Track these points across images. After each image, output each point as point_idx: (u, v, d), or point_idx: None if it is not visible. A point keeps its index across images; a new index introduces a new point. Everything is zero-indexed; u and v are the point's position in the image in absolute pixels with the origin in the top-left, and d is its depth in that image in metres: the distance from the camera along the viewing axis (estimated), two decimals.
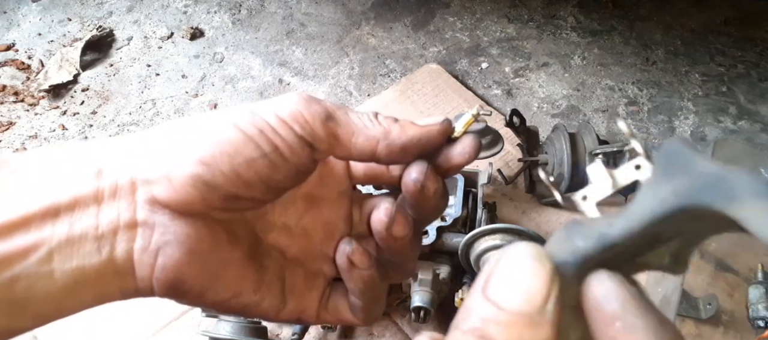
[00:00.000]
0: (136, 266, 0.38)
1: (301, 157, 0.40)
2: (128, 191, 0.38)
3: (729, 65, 1.81)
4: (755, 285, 1.14)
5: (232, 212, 0.41)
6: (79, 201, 0.37)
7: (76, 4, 2.19)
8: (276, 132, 0.39)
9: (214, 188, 0.38)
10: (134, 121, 1.80)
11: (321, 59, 1.92)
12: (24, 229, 0.35)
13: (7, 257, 0.34)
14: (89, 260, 0.36)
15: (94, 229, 0.37)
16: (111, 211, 0.37)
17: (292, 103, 0.41)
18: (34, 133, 1.78)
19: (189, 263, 0.39)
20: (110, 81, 1.93)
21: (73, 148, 0.40)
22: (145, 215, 0.38)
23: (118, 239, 0.38)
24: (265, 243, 0.46)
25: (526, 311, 0.28)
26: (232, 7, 2.12)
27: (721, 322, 1.14)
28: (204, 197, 0.38)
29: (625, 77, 1.80)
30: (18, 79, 1.95)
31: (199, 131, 0.39)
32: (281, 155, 0.39)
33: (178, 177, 0.38)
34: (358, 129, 0.42)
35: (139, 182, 0.38)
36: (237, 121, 0.40)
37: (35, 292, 0.35)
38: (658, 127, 1.66)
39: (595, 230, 0.31)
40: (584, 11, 1.99)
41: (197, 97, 1.85)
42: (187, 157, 0.38)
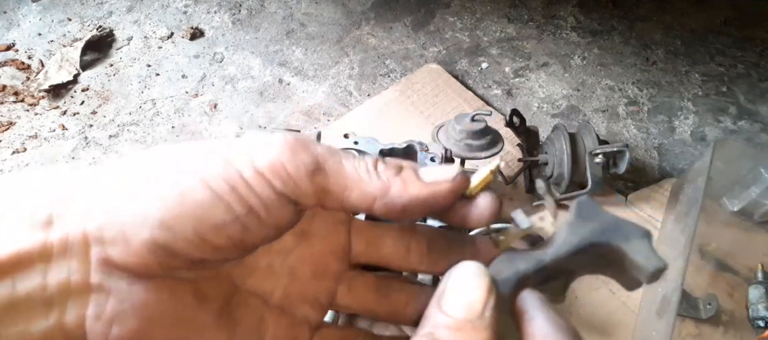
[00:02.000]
0: (88, 335, 0.34)
1: (281, 215, 0.36)
2: (80, 248, 0.33)
3: (729, 65, 1.80)
4: (755, 285, 1.14)
5: (199, 271, 0.37)
6: (22, 258, 0.32)
7: (76, 4, 2.19)
8: (251, 189, 0.34)
9: (176, 254, 0.33)
10: (134, 121, 1.80)
11: (321, 59, 1.92)
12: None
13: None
14: (35, 326, 0.32)
15: (41, 290, 0.32)
16: (60, 271, 0.32)
17: (273, 152, 0.35)
18: (34, 133, 1.78)
19: (149, 332, 0.35)
20: (110, 81, 1.93)
21: (20, 186, 0.35)
22: (99, 279, 0.33)
23: (68, 304, 0.33)
24: (242, 291, 0.40)
25: (468, 318, 0.34)
26: (232, 7, 2.12)
27: (721, 322, 1.14)
28: (165, 263, 0.34)
29: (625, 77, 1.80)
30: (18, 79, 1.95)
31: (164, 183, 0.34)
32: (257, 217, 0.35)
33: (135, 239, 0.33)
34: (352, 182, 0.37)
35: (93, 239, 0.33)
36: (207, 175, 0.34)
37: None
38: (658, 127, 1.66)
39: (533, 255, 0.42)
40: (584, 11, 1.99)
41: (197, 97, 1.85)
42: (147, 216, 0.33)
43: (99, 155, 1.72)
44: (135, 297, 0.34)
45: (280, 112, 1.79)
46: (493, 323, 0.34)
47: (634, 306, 1.19)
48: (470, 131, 1.16)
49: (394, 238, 0.43)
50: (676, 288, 1.05)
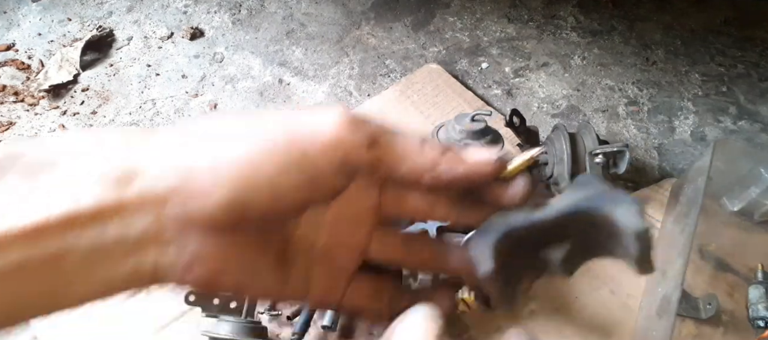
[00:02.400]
0: (166, 277, 0.39)
1: (339, 182, 0.40)
2: (155, 206, 0.36)
3: (729, 65, 1.81)
4: (755, 285, 1.14)
5: (263, 226, 0.41)
6: (104, 211, 0.35)
7: (76, 4, 2.19)
8: (316, 161, 0.38)
9: (247, 214, 0.37)
10: (134, 121, 1.80)
11: (321, 59, 1.92)
12: (44, 237, 0.33)
13: (27, 262, 0.33)
14: (118, 270, 0.36)
15: (122, 240, 0.36)
16: (137, 225, 0.36)
17: (335, 126, 0.39)
18: (34, 133, 1.78)
19: (218, 278, 0.40)
20: (110, 81, 1.93)
21: (102, 140, 0.38)
22: (173, 233, 0.37)
23: (146, 253, 0.37)
24: (293, 241, 0.46)
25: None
26: (232, 7, 2.12)
27: (721, 322, 1.14)
28: (235, 220, 0.38)
29: (625, 77, 1.80)
30: (18, 79, 1.95)
31: (239, 149, 0.37)
32: (319, 184, 0.39)
33: (209, 200, 0.36)
34: (405, 156, 0.41)
35: (168, 197, 0.36)
36: (278, 146, 0.38)
37: (56, 295, 0.35)
38: (658, 128, 1.66)
39: (525, 214, 0.44)
40: (584, 11, 1.99)
41: (197, 97, 1.85)
42: (223, 180, 0.36)
43: None
44: (206, 249, 0.38)
45: None
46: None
47: (634, 306, 1.19)
48: (470, 131, 1.16)
49: (420, 194, 0.47)
50: (676, 288, 1.05)
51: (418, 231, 1.05)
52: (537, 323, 1.17)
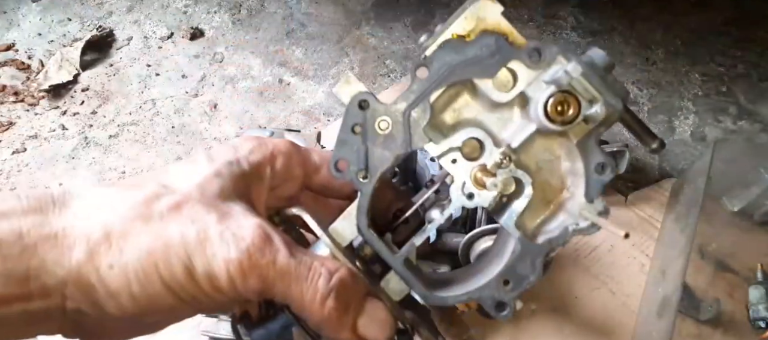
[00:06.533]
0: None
1: (228, 307, 0.52)
2: (58, 304, 0.45)
3: (729, 65, 1.80)
4: (755, 286, 1.14)
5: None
6: (9, 298, 0.44)
7: (76, 4, 2.19)
8: (209, 296, 0.46)
9: (148, 315, 0.47)
10: (134, 121, 1.80)
11: (321, 59, 1.92)
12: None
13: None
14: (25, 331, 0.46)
15: (25, 317, 0.45)
16: (41, 308, 0.45)
17: (230, 269, 0.46)
18: (34, 133, 1.78)
19: (134, 331, 0.52)
20: (110, 81, 1.93)
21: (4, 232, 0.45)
22: (75, 319, 0.46)
23: (49, 326, 0.47)
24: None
25: None
26: (232, 7, 2.12)
27: (722, 322, 1.14)
28: (140, 317, 0.47)
29: (625, 77, 1.79)
30: (18, 79, 1.95)
31: (138, 284, 0.46)
32: (209, 308, 0.49)
33: (110, 311, 0.45)
34: (296, 304, 0.48)
35: (69, 302, 0.45)
36: (173, 283, 0.46)
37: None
38: (658, 127, 1.66)
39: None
40: (584, 11, 1.99)
41: (197, 97, 1.85)
42: (123, 307, 0.45)
43: (99, 155, 1.73)
44: (108, 323, 0.47)
45: (280, 112, 1.79)
46: None
47: (634, 306, 1.19)
48: None
49: None
50: (676, 288, 1.05)
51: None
52: (537, 323, 1.17)
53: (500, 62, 0.50)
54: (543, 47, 0.49)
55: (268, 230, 0.48)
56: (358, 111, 0.51)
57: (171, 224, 0.46)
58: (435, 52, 0.50)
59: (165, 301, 0.45)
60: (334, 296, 0.47)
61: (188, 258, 0.45)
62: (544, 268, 0.51)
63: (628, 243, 1.29)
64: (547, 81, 0.49)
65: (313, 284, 0.47)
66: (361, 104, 0.51)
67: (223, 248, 0.45)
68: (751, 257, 1.20)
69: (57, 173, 1.68)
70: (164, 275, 0.45)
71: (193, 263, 0.45)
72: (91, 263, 0.44)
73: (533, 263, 0.51)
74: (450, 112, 0.53)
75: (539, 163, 0.52)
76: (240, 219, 0.47)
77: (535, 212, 0.52)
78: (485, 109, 0.52)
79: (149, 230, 0.46)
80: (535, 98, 0.49)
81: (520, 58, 0.50)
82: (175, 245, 0.45)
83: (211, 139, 1.73)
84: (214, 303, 0.47)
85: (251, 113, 1.80)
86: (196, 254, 0.45)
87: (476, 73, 0.50)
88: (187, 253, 0.45)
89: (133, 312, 0.45)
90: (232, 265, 0.45)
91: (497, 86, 0.50)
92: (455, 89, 0.52)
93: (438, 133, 0.52)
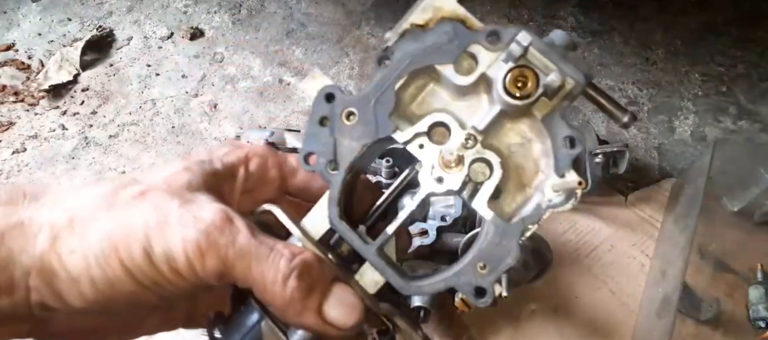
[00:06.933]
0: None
1: (188, 290, 0.48)
2: (22, 295, 0.45)
3: (729, 65, 1.80)
4: (755, 285, 1.14)
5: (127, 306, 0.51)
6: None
7: (76, 4, 2.19)
8: (169, 281, 0.46)
9: (111, 308, 0.48)
10: (134, 121, 1.80)
11: (321, 59, 1.92)
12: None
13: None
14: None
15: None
16: (6, 301, 0.45)
17: (188, 252, 0.46)
18: (34, 133, 1.78)
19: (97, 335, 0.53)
20: (110, 81, 1.93)
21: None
22: (40, 313, 0.46)
23: (16, 324, 0.48)
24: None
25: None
26: (232, 7, 2.12)
27: (721, 323, 1.14)
28: (102, 309, 0.47)
29: (625, 77, 1.79)
30: (18, 79, 1.95)
31: (98, 268, 0.46)
32: (170, 294, 0.47)
33: (72, 302, 0.46)
34: (257, 286, 0.47)
35: (34, 294, 0.45)
36: (134, 268, 0.45)
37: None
38: (658, 127, 1.66)
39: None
40: (584, 11, 1.98)
41: (197, 97, 1.85)
42: (84, 295, 0.45)
43: (99, 155, 1.73)
44: (74, 322, 0.48)
45: (280, 112, 1.79)
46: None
47: (634, 306, 1.19)
48: None
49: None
50: (676, 288, 1.05)
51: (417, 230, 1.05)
52: (537, 323, 1.17)
53: (459, 47, 0.50)
54: (501, 29, 0.50)
55: (231, 214, 0.47)
56: (324, 104, 0.52)
57: (134, 210, 0.46)
58: (396, 42, 0.51)
59: (125, 286, 0.45)
60: (296, 275, 0.46)
61: (147, 241, 0.45)
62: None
63: (628, 243, 1.29)
64: (504, 59, 0.49)
65: (274, 265, 0.46)
66: (327, 97, 0.52)
67: (182, 228, 0.45)
68: (751, 257, 1.20)
69: (57, 172, 1.68)
70: (124, 257, 0.45)
71: (151, 245, 0.45)
72: (54, 249, 0.45)
73: (508, 243, 0.50)
74: (420, 102, 0.53)
75: (511, 148, 0.53)
76: (203, 204, 0.47)
77: (512, 197, 0.52)
78: (453, 98, 0.53)
79: (112, 216, 0.46)
80: (496, 78, 0.49)
81: (479, 40, 0.50)
82: (136, 229, 0.45)
83: (211, 139, 1.73)
84: (176, 288, 0.46)
85: (251, 113, 1.80)
86: (155, 236, 0.45)
87: (436, 60, 0.51)
88: (146, 236, 0.45)
89: (94, 299, 0.45)
90: (190, 245, 0.45)
91: (460, 72, 0.51)
92: (422, 79, 0.52)
93: (406, 122, 0.52)
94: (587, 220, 1.32)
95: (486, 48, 0.50)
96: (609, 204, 1.35)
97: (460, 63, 0.51)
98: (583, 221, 1.32)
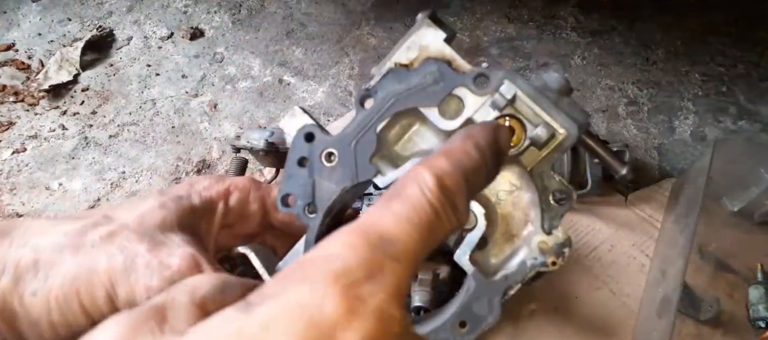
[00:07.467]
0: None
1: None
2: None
3: (729, 65, 1.80)
4: (755, 285, 1.14)
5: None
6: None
7: (76, 4, 2.19)
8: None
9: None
10: (134, 121, 1.80)
11: (321, 59, 1.92)
12: None
13: None
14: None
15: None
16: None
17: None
18: (34, 133, 1.78)
19: None
20: (110, 81, 1.93)
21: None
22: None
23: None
24: None
25: None
26: (232, 7, 2.12)
27: (721, 323, 1.14)
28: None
29: (625, 77, 1.79)
30: (18, 79, 1.95)
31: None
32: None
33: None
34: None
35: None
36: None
37: None
38: (658, 128, 1.66)
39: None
40: (584, 11, 1.98)
41: (197, 97, 1.85)
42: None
43: (99, 155, 1.73)
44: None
45: (280, 112, 1.79)
46: None
47: (634, 306, 1.19)
48: None
49: None
50: (676, 288, 1.05)
51: None
52: (537, 323, 1.17)
53: (445, 90, 0.48)
54: (489, 72, 0.47)
55: (199, 260, 0.45)
56: (304, 144, 0.50)
57: (100, 252, 0.45)
58: (379, 81, 0.49)
59: (85, 330, 0.44)
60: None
61: (111, 286, 0.44)
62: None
63: (628, 243, 1.29)
64: (491, 105, 0.47)
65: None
66: (307, 137, 0.50)
67: (147, 275, 0.44)
68: (751, 257, 1.20)
69: (57, 173, 1.68)
70: (85, 302, 0.44)
71: (116, 290, 0.44)
72: (16, 290, 0.44)
73: (490, 302, 0.48)
74: (405, 142, 0.51)
75: (500, 195, 0.50)
76: (172, 248, 0.46)
77: (499, 248, 0.50)
78: (440, 140, 0.50)
79: (77, 258, 0.45)
80: None
81: (465, 84, 0.48)
82: (100, 273, 0.44)
83: (211, 139, 1.73)
84: None
85: (251, 113, 1.80)
86: (120, 281, 0.44)
87: (420, 102, 0.48)
88: (111, 280, 0.44)
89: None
90: (153, 293, 0.43)
91: (445, 115, 0.48)
92: (408, 120, 0.50)
93: (390, 164, 0.50)
94: (587, 220, 1.32)
95: (473, 91, 0.48)
96: (609, 204, 1.35)
97: (446, 106, 0.48)
98: (583, 221, 1.32)
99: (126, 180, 1.65)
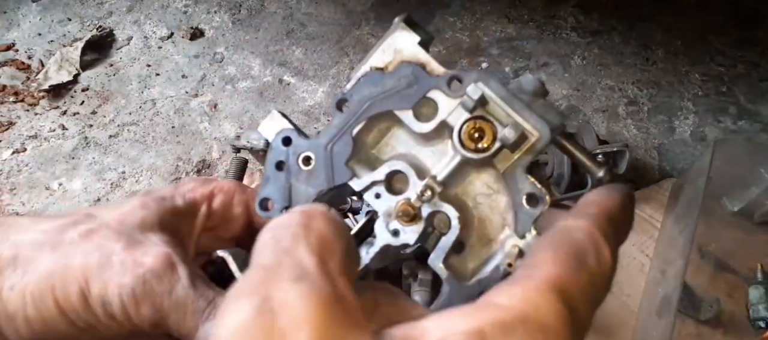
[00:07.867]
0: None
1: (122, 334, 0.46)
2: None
3: (729, 65, 1.80)
4: (755, 285, 1.14)
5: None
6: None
7: (76, 4, 2.19)
8: (104, 325, 0.45)
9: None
10: (134, 121, 1.80)
11: (321, 59, 1.92)
12: None
13: None
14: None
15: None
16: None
17: (124, 297, 0.44)
18: (34, 133, 1.78)
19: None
20: (110, 81, 1.93)
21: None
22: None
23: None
24: None
25: None
26: (232, 7, 2.12)
27: (721, 323, 1.14)
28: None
29: (625, 77, 1.80)
30: (18, 79, 1.95)
31: (36, 309, 0.45)
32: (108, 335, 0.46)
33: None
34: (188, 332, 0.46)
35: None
36: (69, 310, 0.44)
37: None
38: (658, 128, 1.66)
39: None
40: (584, 11, 1.98)
41: (197, 97, 1.85)
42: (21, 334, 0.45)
43: (99, 155, 1.73)
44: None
45: None
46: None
47: (634, 306, 1.19)
48: None
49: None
50: (676, 288, 1.05)
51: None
52: None
53: (419, 92, 0.48)
54: (462, 74, 0.47)
55: (175, 260, 0.45)
56: (282, 148, 0.50)
57: (77, 249, 0.45)
58: (354, 85, 0.49)
59: (59, 326, 0.44)
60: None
61: (86, 282, 0.44)
62: None
63: (628, 243, 1.29)
64: (463, 108, 0.47)
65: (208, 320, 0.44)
66: (284, 140, 0.50)
67: (120, 273, 0.44)
68: (751, 257, 1.20)
69: (57, 173, 1.68)
70: (59, 298, 0.44)
71: (89, 287, 0.44)
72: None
73: None
74: (383, 146, 0.51)
75: (477, 199, 0.50)
76: (148, 247, 0.45)
77: (476, 252, 0.49)
78: (418, 143, 0.50)
79: (55, 254, 0.45)
80: (455, 127, 0.47)
81: (439, 86, 0.48)
82: (75, 269, 0.44)
83: (211, 139, 1.73)
84: (111, 332, 0.45)
85: (251, 113, 1.80)
86: (93, 278, 0.44)
87: (395, 105, 0.48)
88: (85, 277, 0.44)
89: (30, 337, 0.45)
90: (125, 290, 0.43)
91: (420, 118, 0.48)
92: (384, 123, 0.50)
93: (367, 168, 0.50)
94: None
95: (446, 94, 0.48)
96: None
97: (421, 108, 0.48)
98: None
99: (126, 180, 1.65)
